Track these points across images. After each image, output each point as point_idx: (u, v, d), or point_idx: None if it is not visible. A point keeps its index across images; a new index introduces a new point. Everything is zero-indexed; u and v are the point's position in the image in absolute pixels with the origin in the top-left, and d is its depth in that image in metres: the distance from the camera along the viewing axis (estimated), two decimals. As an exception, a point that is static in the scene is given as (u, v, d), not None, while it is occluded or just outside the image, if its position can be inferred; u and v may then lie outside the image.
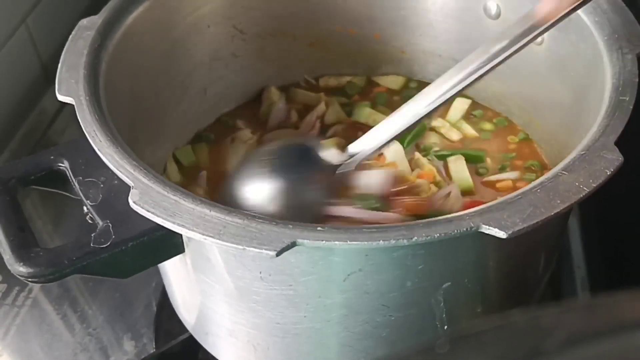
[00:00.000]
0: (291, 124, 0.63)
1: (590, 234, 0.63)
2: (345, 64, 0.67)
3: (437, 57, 0.65)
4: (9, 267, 0.40)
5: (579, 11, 0.48)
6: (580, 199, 0.38)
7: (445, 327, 0.45)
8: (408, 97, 0.49)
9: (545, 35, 0.54)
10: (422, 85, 0.65)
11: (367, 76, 0.67)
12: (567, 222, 0.58)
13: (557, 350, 0.20)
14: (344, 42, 0.66)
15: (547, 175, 0.40)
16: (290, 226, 0.36)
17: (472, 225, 0.37)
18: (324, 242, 0.36)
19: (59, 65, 0.47)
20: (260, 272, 0.41)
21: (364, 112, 0.63)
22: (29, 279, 0.40)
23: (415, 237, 0.36)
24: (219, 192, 0.54)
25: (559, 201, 0.38)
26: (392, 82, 0.67)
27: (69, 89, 0.46)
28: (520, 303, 0.51)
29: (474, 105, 0.64)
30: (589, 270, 0.61)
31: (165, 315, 0.59)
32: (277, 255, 0.35)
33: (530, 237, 0.42)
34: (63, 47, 0.48)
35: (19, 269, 0.39)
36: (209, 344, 0.52)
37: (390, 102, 0.65)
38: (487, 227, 0.37)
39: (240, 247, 0.36)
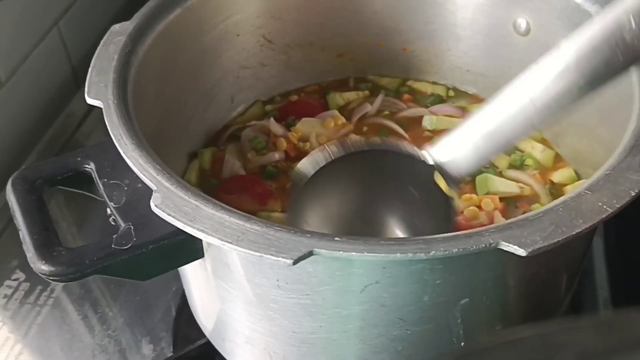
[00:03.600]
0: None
1: (615, 255, 0.62)
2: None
3: (465, 72, 0.65)
4: (32, 265, 0.40)
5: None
6: (603, 220, 0.37)
7: (462, 343, 0.44)
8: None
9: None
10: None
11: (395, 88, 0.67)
12: (591, 242, 0.57)
13: None
14: (372, 54, 0.66)
15: (571, 194, 0.39)
16: (308, 235, 0.37)
17: (492, 241, 0.36)
18: (340, 252, 0.36)
19: (90, 69, 0.48)
20: (278, 280, 0.41)
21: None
22: (51, 278, 0.40)
23: (433, 252, 0.36)
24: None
25: (581, 221, 0.37)
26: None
27: (98, 93, 0.46)
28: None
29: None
30: (612, 291, 0.60)
31: (183, 320, 0.59)
32: (294, 263, 0.36)
33: (551, 256, 0.42)
34: (93, 51, 0.49)
35: (41, 267, 0.40)
36: (226, 351, 0.52)
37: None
38: (507, 244, 0.36)
39: (257, 254, 0.36)
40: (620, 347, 0.20)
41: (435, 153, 0.44)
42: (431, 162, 0.44)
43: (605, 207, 0.38)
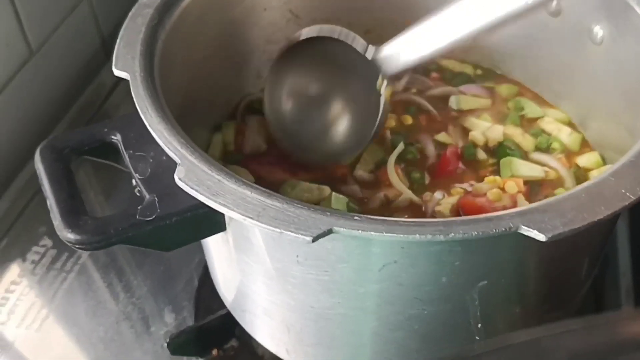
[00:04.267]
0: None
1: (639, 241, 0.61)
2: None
3: (494, 52, 0.64)
4: (58, 233, 0.41)
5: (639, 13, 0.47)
6: (625, 207, 0.37)
7: (479, 325, 0.44)
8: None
9: (606, 35, 0.53)
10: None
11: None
12: (614, 228, 0.57)
13: None
14: (400, 31, 0.66)
15: (594, 180, 0.39)
16: (328, 213, 0.37)
17: (512, 225, 0.36)
18: (359, 231, 0.36)
19: (117, 40, 0.48)
20: (297, 256, 0.41)
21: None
22: (76, 246, 0.41)
23: (452, 234, 0.36)
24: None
25: (603, 207, 0.37)
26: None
27: (125, 65, 0.47)
28: (559, 308, 0.50)
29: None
30: (635, 278, 0.59)
31: (205, 290, 0.60)
32: (313, 241, 0.36)
33: (572, 242, 0.42)
34: (123, 22, 0.50)
35: (67, 235, 0.41)
36: (246, 322, 0.53)
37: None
38: (527, 228, 0.36)
39: (277, 230, 0.37)
40: (609, 350, 0.20)
41: (377, 50, 0.52)
42: (370, 57, 0.52)
43: (628, 194, 0.38)
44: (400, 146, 0.57)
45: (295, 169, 0.57)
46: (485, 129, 0.59)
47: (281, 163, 0.57)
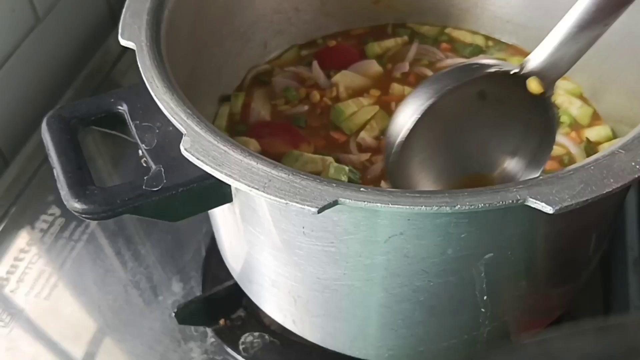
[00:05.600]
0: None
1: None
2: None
3: (506, 22, 0.64)
4: (65, 203, 0.41)
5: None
6: (635, 180, 0.37)
7: (485, 297, 0.44)
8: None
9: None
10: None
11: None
12: (624, 201, 0.57)
13: None
14: (410, 2, 0.65)
15: (603, 152, 0.39)
16: (334, 185, 0.37)
17: (519, 197, 0.36)
18: (365, 203, 0.36)
19: (124, 10, 0.48)
20: (304, 227, 0.41)
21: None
22: (83, 215, 0.41)
23: (459, 206, 0.36)
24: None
25: (612, 180, 0.37)
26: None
27: (132, 34, 0.46)
28: (567, 282, 0.50)
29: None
30: (642, 252, 0.59)
31: (213, 261, 0.60)
32: (319, 212, 0.36)
33: (580, 215, 0.42)
34: (130, -11, 0.49)
35: (74, 204, 0.41)
36: (253, 292, 0.53)
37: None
38: (534, 200, 0.36)
39: (283, 201, 0.36)
40: (621, 354, 0.20)
41: (527, 62, 0.44)
42: (524, 72, 0.44)
43: (638, 167, 0.37)
44: None
45: (296, 140, 0.56)
46: None
47: (283, 134, 0.57)
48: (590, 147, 0.55)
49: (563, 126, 0.57)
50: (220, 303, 0.58)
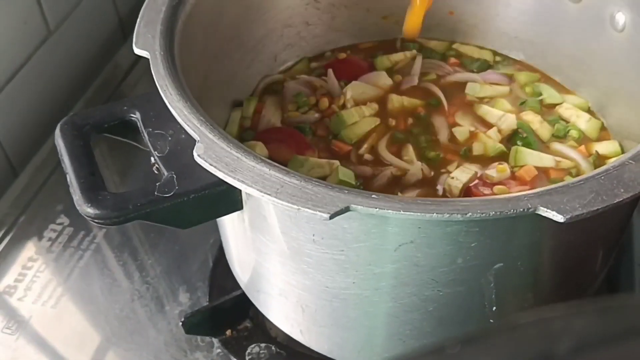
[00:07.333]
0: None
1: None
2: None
3: (513, 38, 0.64)
4: (78, 208, 0.42)
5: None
6: (645, 190, 0.37)
7: (494, 308, 0.44)
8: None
9: (628, 22, 0.52)
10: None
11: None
12: (631, 217, 0.57)
13: (567, 355, 0.20)
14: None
15: (614, 163, 0.39)
16: (346, 191, 0.37)
17: (530, 206, 0.36)
18: (377, 209, 0.36)
19: (138, 19, 0.49)
20: (314, 235, 0.41)
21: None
22: (95, 220, 0.42)
23: (470, 213, 0.36)
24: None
25: (622, 190, 0.37)
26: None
27: (146, 43, 0.47)
28: (573, 296, 0.50)
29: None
30: (650, 269, 0.59)
31: (220, 271, 0.60)
32: (330, 218, 0.36)
33: (590, 226, 0.42)
34: (140, 2, 0.50)
35: (87, 209, 0.41)
36: (260, 302, 0.53)
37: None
38: (545, 209, 0.36)
39: (295, 207, 0.37)
40: (621, 334, 0.20)
41: None
42: None
43: (648, 177, 0.37)
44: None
45: (302, 148, 0.57)
46: (498, 118, 0.59)
47: (289, 141, 0.57)
48: (599, 161, 0.56)
49: (572, 139, 0.57)
50: (227, 313, 0.58)
